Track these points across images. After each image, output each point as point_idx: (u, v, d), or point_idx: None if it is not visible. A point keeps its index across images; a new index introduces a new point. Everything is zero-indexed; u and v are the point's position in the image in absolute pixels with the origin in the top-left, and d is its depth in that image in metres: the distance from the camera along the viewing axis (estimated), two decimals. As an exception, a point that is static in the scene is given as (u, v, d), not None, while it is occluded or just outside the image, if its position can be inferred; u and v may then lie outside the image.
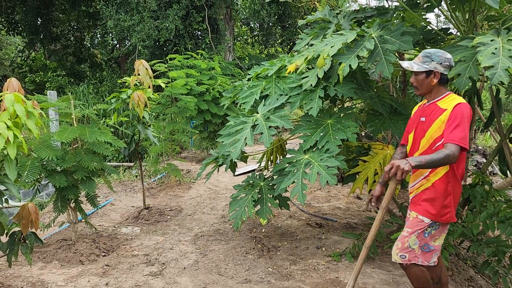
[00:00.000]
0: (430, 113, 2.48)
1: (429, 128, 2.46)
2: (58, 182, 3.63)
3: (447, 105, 2.41)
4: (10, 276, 3.50)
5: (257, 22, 18.13)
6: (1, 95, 2.56)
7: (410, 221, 2.55)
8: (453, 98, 2.44)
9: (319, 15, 4.09)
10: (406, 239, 2.52)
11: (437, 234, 2.51)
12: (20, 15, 18.43)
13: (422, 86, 2.50)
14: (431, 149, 2.45)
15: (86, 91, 14.61)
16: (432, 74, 2.45)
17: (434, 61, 2.43)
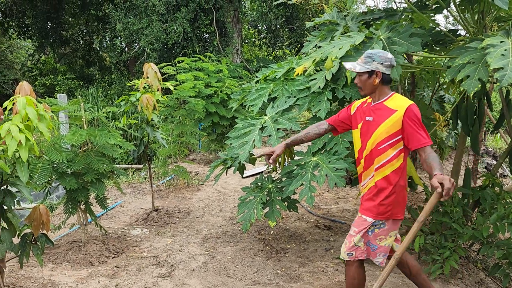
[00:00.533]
0: (378, 114, 2.49)
1: (377, 128, 2.48)
2: (69, 184, 3.67)
3: (396, 106, 2.44)
4: (22, 277, 3.54)
5: (265, 25, 18.16)
6: (13, 98, 2.59)
7: (356, 221, 2.61)
8: (399, 98, 2.49)
9: (327, 17, 4.10)
10: (352, 238, 2.58)
11: (382, 233, 2.53)
12: (31, 19, 18.66)
13: (365, 86, 2.53)
14: (377, 149, 2.49)
15: (96, 94, 14.73)
16: (374, 74, 2.48)
17: (376, 61, 2.46)
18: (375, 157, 2.50)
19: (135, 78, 14.05)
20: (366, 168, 2.58)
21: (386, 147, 2.45)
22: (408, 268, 2.77)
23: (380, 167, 2.49)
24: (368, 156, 2.54)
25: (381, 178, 2.49)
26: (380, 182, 2.49)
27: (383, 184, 2.48)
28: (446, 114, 5.61)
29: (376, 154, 2.49)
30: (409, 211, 3.84)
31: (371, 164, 2.54)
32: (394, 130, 2.42)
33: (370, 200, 2.53)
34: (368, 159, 2.54)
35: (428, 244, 3.54)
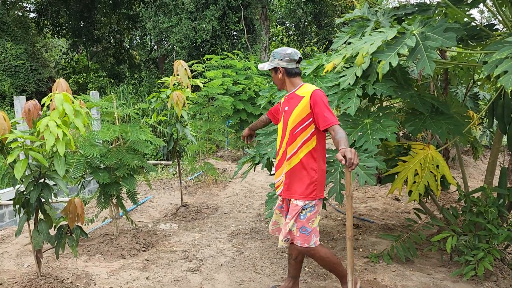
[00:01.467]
0: (291, 103, 2.76)
1: (291, 115, 2.73)
2: (102, 179, 3.77)
3: (303, 93, 2.71)
4: (57, 267, 3.67)
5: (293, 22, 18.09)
6: (51, 94, 2.69)
7: (290, 208, 2.77)
8: (307, 86, 2.75)
9: (357, 13, 4.04)
10: (287, 226, 2.73)
11: (313, 216, 2.72)
12: (65, 18, 19.24)
13: (276, 82, 2.86)
14: (292, 134, 2.72)
15: (126, 91, 15.06)
16: (278, 70, 2.78)
17: (276, 58, 2.77)
18: (292, 142, 2.73)
19: (164, 75, 14.27)
20: (286, 155, 2.77)
21: (299, 131, 2.70)
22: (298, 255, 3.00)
23: (297, 151, 2.71)
24: (288, 143, 2.76)
25: (299, 162, 2.70)
26: (298, 165, 2.71)
27: (302, 166, 2.70)
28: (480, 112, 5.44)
29: (293, 139, 2.72)
30: (441, 210, 3.76)
31: (290, 151, 2.75)
32: (304, 115, 2.67)
33: (294, 183, 2.73)
34: (288, 146, 2.76)
35: (460, 245, 3.45)
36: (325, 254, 2.78)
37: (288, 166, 2.75)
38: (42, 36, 21.28)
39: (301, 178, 2.70)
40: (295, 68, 2.77)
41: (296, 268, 3.03)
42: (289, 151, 2.74)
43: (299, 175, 2.71)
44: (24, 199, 2.85)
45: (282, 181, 2.83)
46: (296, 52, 2.78)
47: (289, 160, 2.74)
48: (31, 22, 19.86)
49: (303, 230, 2.70)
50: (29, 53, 15.99)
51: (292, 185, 2.74)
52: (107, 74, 19.17)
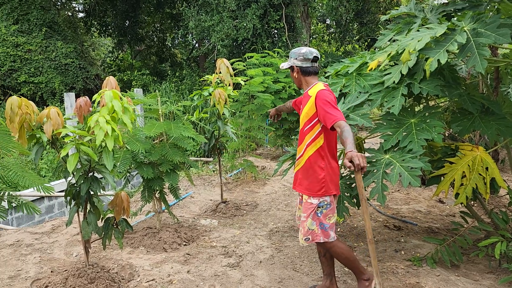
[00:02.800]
0: (304, 101, 2.87)
1: (302, 112, 2.86)
2: (146, 174, 3.89)
3: (312, 93, 2.79)
4: (103, 258, 3.82)
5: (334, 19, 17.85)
6: (101, 92, 2.80)
7: (303, 206, 2.85)
8: (317, 86, 2.80)
9: (403, 10, 3.94)
10: (305, 224, 2.82)
11: (329, 213, 2.80)
12: (111, 18, 19.91)
13: (294, 80, 2.97)
14: (302, 131, 2.85)
15: (168, 88, 15.40)
16: (294, 69, 2.90)
17: (292, 58, 2.89)
18: (302, 139, 2.85)
19: (205, 73, 14.49)
20: (298, 150, 2.92)
21: (307, 130, 2.80)
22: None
23: (305, 150, 2.81)
24: (299, 139, 2.90)
25: (307, 160, 2.81)
26: (308, 161, 2.81)
27: (309, 165, 2.80)
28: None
29: (303, 135, 2.83)
30: (489, 214, 3.61)
31: (301, 143, 2.88)
32: (311, 114, 2.76)
33: (304, 178, 2.83)
34: (300, 139, 2.90)
35: (510, 251, 3.30)
36: (343, 249, 2.85)
37: (298, 164, 2.90)
38: (90, 35, 22.14)
39: (309, 176, 2.80)
40: (310, 67, 2.86)
41: (328, 264, 3.05)
42: (299, 150, 2.90)
43: (308, 173, 2.81)
44: (74, 191, 2.99)
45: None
46: (311, 51, 2.87)
47: (299, 159, 2.88)
48: (80, 22, 20.71)
49: (322, 226, 2.79)
50: (78, 51, 16.67)
51: (303, 182, 2.85)
52: (150, 72, 19.68)
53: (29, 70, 15.34)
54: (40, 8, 15.93)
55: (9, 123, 2.62)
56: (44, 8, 16.19)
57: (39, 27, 15.77)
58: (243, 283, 3.30)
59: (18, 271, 3.55)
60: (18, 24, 15.47)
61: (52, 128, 2.73)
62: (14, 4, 15.33)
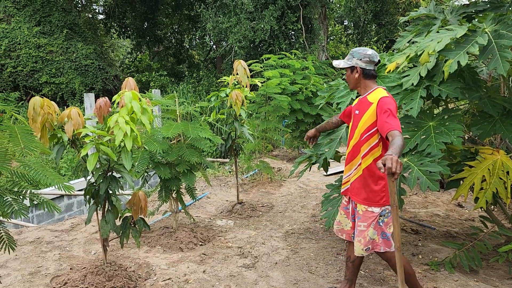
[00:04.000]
0: (362, 107, 2.71)
1: (360, 120, 2.70)
2: (163, 174, 3.93)
3: (373, 99, 2.64)
4: (120, 256, 3.87)
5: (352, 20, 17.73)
6: (121, 93, 2.84)
7: (362, 216, 2.72)
8: (379, 92, 2.66)
9: (423, 11, 3.90)
10: (365, 233, 2.70)
11: (390, 221, 2.69)
12: (130, 20, 20.18)
13: (349, 81, 2.79)
14: (360, 139, 2.70)
15: (185, 90, 15.53)
16: (355, 70, 2.72)
17: (355, 58, 2.71)
18: (360, 147, 2.70)
19: (222, 75, 14.56)
20: (352, 158, 2.78)
21: (367, 137, 2.66)
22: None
23: (364, 156, 2.69)
24: (355, 146, 2.75)
25: (365, 169, 2.69)
26: (366, 171, 2.69)
27: (368, 174, 2.68)
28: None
29: (361, 144, 2.70)
30: (510, 219, 3.54)
31: (356, 154, 2.74)
32: (371, 122, 2.63)
33: (362, 188, 2.71)
34: (355, 149, 2.75)
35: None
36: (403, 260, 2.71)
37: (356, 173, 2.76)
38: (109, 37, 22.49)
39: (368, 185, 2.68)
40: (372, 70, 2.72)
41: (353, 271, 3.00)
42: (359, 156, 2.73)
43: (367, 182, 2.69)
44: (94, 190, 3.04)
45: (349, 180, 2.84)
46: (376, 54, 2.74)
47: (360, 165, 2.73)
48: (100, 23, 21.06)
49: (384, 235, 2.70)
50: (98, 53, 16.95)
51: (361, 191, 2.72)
52: (167, 73, 19.88)
53: (50, 71, 15.67)
54: (61, 10, 16.26)
55: (31, 123, 2.69)
56: (66, 10, 16.52)
57: (60, 28, 16.10)
58: (258, 284, 3.31)
59: (38, 267, 3.63)
60: (40, 26, 15.82)
61: (73, 128, 2.79)
62: (36, 6, 15.68)
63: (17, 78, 15.51)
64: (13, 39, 15.17)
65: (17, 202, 2.28)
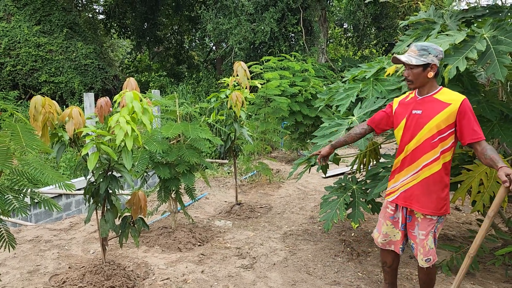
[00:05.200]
0: (428, 107, 2.50)
1: (429, 120, 2.48)
2: (163, 174, 3.95)
3: (449, 99, 2.46)
4: (119, 255, 3.89)
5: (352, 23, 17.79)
6: (122, 92, 2.86)
7: (421, 223, 2.58)
8: (450, 91, 2.51)
9: (422, 16, 3.92)
10: (425, 242, 2.58)
11: (441, 227, 2.63)
12: (130, 20, 20.21)
13: (418, 80, 2.51)
14: (430, 141, 2.48)
15: (185, 90, 15.55)
16: (429, 67, 2.48)
17: (431, 54, 2.47)
18: (426, 152, 2.50)
19: (221, 76, 14.59)
20: (411, 162, 2.57)
21: (438, 141, 2.47)
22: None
23: (432, 162, 2.50)
24: (416, 150, 2.54)
25: (434, 174, 2.51)
26: (433, 178, 2.51)
27: (437, 179, 2.51)
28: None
29: (427, 148, 2.50)
30: (507, 223, 3.56)
31: (418, 158, 2.54)
32: (446, 124, 2.44)
33: (425, 195, 2.54)
34: (416, 153, 2.54)
35: (528, 261, 3.26)
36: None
37: (415, 179, 2.56)
38: (109, 37, 22.52)
39: (434, 192, 2.52)
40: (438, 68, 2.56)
41: (393, 275, 2.95)
42: (421, 161, 2.52)
43: (432, 188, 2.52)
44: (94, 189, 3.06)
45: (398, 188, 2.67)
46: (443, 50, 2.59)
47: (422, 170, 2.53)
48: (100, 23, 21.08)
49: (435, 242, 2.63)
50: (97, 52, 16.96)
51: (422, 197, 2.55)
52: (167, 73, 19.90)
53: (49, 70, 15.67)
54: (61, 10, 16.28)
55: (32, 122, 2.70)
56: (66, 10, 16.54)
57: (60, 28, 16.11)
58: (256, 285, 3.33)
59: (37, 266, 3.64)
60: (40, 25, 15.82)
61: (74, 127, 2.81)
62: (36, 5, 15.69)
63: (16, 77, 15.51)
64: (13, 38, 15.18)
65: (18, 200, 2.30)
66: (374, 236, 2.90)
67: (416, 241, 2.63)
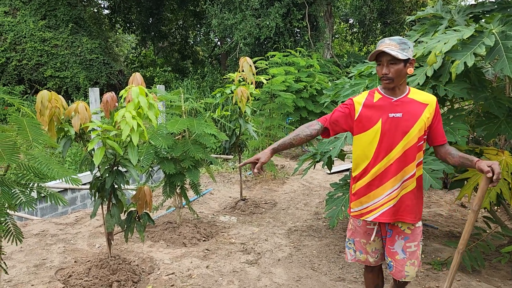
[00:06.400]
0: (408, 109, 2.22)
1: (414, 123, 2.20)
2: (168, 169, 3.95)
3: (425, 100, 2.25)
4: (124, 250, 3.90)
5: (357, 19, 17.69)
6: (128, 88, 2.86)
7: (411, 235, 2.33)
8: (418, 91, 2.30)
9: (430, 11, 3.89)
10: (417, 253, 2.36)
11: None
12: (135, 15, 20.20)
13: (399, 77, 2.18)
14: (416, 146, 2.21)
15: (190, 86, 15.55)
16: (409, 63, 2.19)
17: (410, 48, 2.18)
18: (414, 157, 2.23)
19: (226, 71, 14.57)
20: (397, 171, 2.24)
21: (419, 147, 2.24)
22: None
23: (415, 172, 2.26)
24: (403, 157, 2.22)
25: (418, 178, 2.28)
26: (418, 182, 2.29)
27: (418, 187, 2.30)
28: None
29: (414, 153, 2.22)
30: None
31: (406, 165, 2.23)
32: (427, 125, 2.24)
33: (415, 204, 2.30)
34: (403, 160, 2.23)
35: (534, 259, 3.24)
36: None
37: (406, 188, 2.26)
38: (114, 32, 22.50)
39: (418, 199, 2.32)
40: None
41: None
42: (411, 168, 2.24)
43: (417, 196, 2.31)
44: (99, 184, 3.07)
45: (382, 204, 2.29)
46: None
47: (408, 181, 2.25)
48: (105, 18, 21.07)
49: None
50: (102, 47, 16.97)
51: (413, 207, 2.29)
52: (172, 69, 19.91)
53: (55, 65, 15.70)
54: (67, 4, 16.29)
55: (39, 116, 2.71)
56: (71, 4, 16.54)
57: (65, 22, 16.13)
58: (261, 280, 3.33)
59: (43, 259, 3.66)
60: (46, 20, 15.85)
61: (80, 122, 2.81)
62: (42, 0, 15.71)
63: (22, 72, 15.56)
64: (19, 33, 15.21)
65: (25, 194, 2.31)
66: (361, 259, 2.49)
67: (396, 258, 2.36)
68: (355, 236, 2.47)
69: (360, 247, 2.47)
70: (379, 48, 2.19)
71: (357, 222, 2.43)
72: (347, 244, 2.54)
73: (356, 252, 2.50)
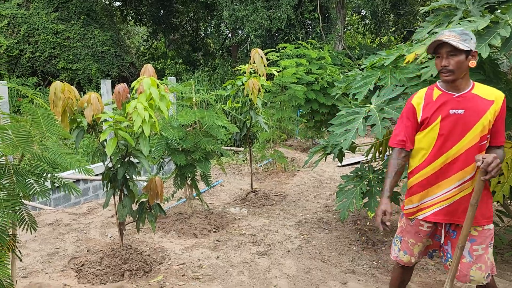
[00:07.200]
0: (471, 105, 2.10)
1: (478, 121, 2.09)
2: (179, 160, 3.97)
3: (491, 96, 2.11)
4: (136, 240, 3.95)
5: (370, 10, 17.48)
6: (140, 79, 2.87)
7: (478, 237, 2.19)
8: (484, 86, 2.16)
9: (444, 1, 3.83)
10: (485, 257, 2.19)
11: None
12: (146, 7, 20.22)
13: (460, 70, 2.07)
14: (478, 145, 2.10)
15: (200, 78, 15.57)
16: (471, 55, 2.07)
17: (472, 40, 2.07)
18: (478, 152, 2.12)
19: (237, 63, 14.55)
20: (456, 170, 2.14)
21: (484, 145, 2.13)
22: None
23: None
24: (463, 156, 2.12)
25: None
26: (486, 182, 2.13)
27: (486, 184, 2.15)
28: None
29: (475, 153, 2.11)
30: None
31: (467, 165, 2.12)
32: (491, 125, 2.11)
33: (485, 203, 2.16)
34: (462, 160, 2.12)
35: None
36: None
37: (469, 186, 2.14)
38: (126, 24, 22.59)
39: (484, 200, 2.17)
40: None
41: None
42: (466, 172, 2.13)
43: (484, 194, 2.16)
44: (111, 174, 3.10)
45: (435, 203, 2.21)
46: None
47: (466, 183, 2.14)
48: (116, 10, 21.14)
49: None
50: (114, 39, 17.05)
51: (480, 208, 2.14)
52: (183, 61, 19.92)
53: (67, 57, 15.83)
54: (79, -3, 16.39)
55: (52, 107, 2.74)
56: (83, -3, 16.64)
57: (77, 15, 16.22)
58: (271, 271, 3.35)
59: (56, 248, 3.72)
60: (58, 12, 15.96)
61: (92, 113, 2.84)
62: (54, -7, 15.82)
63: (35, 64, 15.71)
64: (32, 25, 15.34)
65: (39, 184, 2.34)
66: (403, 259, 2.40)
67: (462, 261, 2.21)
68: (404, 234, 2.38)
69: (406, 247, 2.38)
70: (439, 38, 2.09)
71: (409, 221, 2.34)
72: (394, 240, 2.47)
73: (401, 251, 2.41)
